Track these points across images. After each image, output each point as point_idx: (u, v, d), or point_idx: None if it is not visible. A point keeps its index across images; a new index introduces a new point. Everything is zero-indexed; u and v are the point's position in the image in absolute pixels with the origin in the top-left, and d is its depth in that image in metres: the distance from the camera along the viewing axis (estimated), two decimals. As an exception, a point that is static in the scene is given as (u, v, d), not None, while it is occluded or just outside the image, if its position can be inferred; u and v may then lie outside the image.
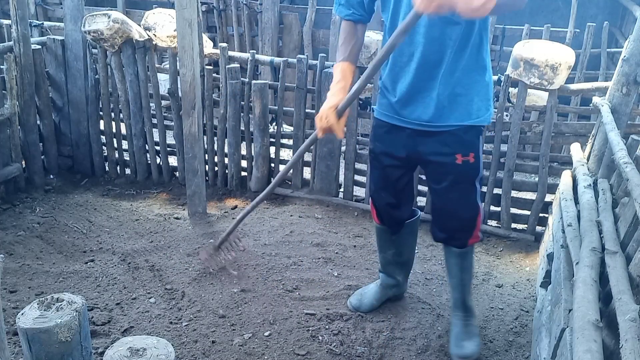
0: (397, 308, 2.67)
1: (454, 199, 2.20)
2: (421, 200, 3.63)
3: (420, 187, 3.56)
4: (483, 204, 2.38)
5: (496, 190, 3.44)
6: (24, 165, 3.75)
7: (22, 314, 1.46)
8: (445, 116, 2.09)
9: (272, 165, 3.93)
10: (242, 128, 3.83)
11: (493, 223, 3.55)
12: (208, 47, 3.95)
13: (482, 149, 2.22)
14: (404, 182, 2.35)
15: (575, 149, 3.10)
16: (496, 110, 3.27)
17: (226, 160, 3.94)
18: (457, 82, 2.05)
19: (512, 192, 3.44)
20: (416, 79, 2.07)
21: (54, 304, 1.48)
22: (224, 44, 3.81)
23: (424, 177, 2.66)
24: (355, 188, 3.83)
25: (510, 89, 3.37)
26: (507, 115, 3.86)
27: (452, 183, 2.17)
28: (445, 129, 2.11)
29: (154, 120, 3.96)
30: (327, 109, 2.03)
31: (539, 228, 3.41)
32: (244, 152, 3.89)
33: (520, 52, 3.20)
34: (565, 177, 2.94)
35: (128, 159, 4.10)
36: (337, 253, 3.17)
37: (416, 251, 3.19)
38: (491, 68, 2.18)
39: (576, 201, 2.56)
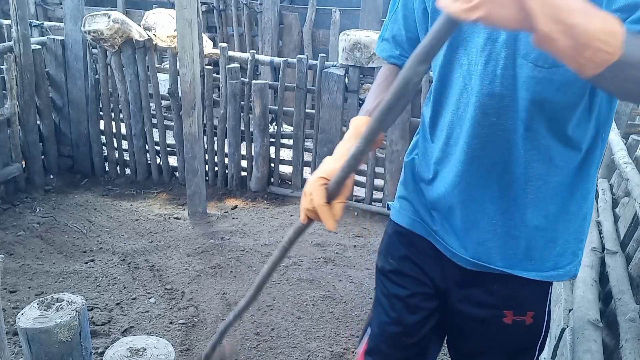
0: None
1: None
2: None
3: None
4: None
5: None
6: (24, 165, 3.75)
7: (22, 314, 1.46)
8: (491, 254, 1.18)
9: (272, 165, 3.93)
10: (242, 128, 3.83)
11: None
12: (208, 47, 3.95)
13: (550, 303, 1.27)
14: (429, 327, 1.35)
15: (575, 149, 3.10)
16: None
17: (226, 160, 3.94)
18: (535, 203, 1.13)
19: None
20: (463, 179, 1.15)
21: (54, 304, 1.48)
22: (224, 44, 3.81)
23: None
24: (355, 188, 3.83)
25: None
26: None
27: (490, 349, 1.30)
28: (492, 272, 1.20)
29: (154, 120, 3.96)
30: (314, 180, 1.11)
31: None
32: (244, 152, 3.89)
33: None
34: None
35: (128, 159, 4.10)
36: (337, 253, 3.17)
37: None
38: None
39: (576, 201, 2.56)
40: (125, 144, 4.08)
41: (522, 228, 1.15)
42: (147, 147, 4.01)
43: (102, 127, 4.07)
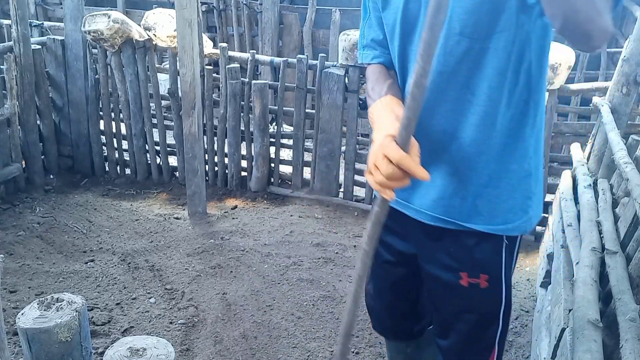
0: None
1: (455, 335, 1.47)
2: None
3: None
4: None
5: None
6: (24, 165, 3.75)
7: (22, 314, 1.45)
8: (447, 209, 1.33)
9: (272, 165, 3.93)
10: (242, 128, 3.83)
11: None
12: (208, 47, 3.94)
13: (512, 269, 1.42)
14: (414, 288, 1.59)
15: (575, 149, 3.10)
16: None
17: (226, 160, 3.94)
18: (479, 164, 1.28)
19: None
20: (420, 148, 1.19)
21: (54, 304, 1.48)
22: (224, 44, 3.81)
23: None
24: (355, 188, 3.83)
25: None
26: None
27: (455, 312, 1.44)
28: (447, 228, 1.35)
29: (154, 120, 3.96)
30: (381, 141, 1.12)
31: (539, 228, 3.40)
32: (244, 152, 3.89)
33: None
34: (565, 177, 2.94)
35: (128, 159, 4.10)
36: (337, 253, 3.17)
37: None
38: (542, 144, 1.36)
39: (576, 201, 2.56)
40: (125, 144, 4.08)
41: (470, 187, 1.29)
42: (147, 147, 4.01)
43: (102, 127, 4.07)
